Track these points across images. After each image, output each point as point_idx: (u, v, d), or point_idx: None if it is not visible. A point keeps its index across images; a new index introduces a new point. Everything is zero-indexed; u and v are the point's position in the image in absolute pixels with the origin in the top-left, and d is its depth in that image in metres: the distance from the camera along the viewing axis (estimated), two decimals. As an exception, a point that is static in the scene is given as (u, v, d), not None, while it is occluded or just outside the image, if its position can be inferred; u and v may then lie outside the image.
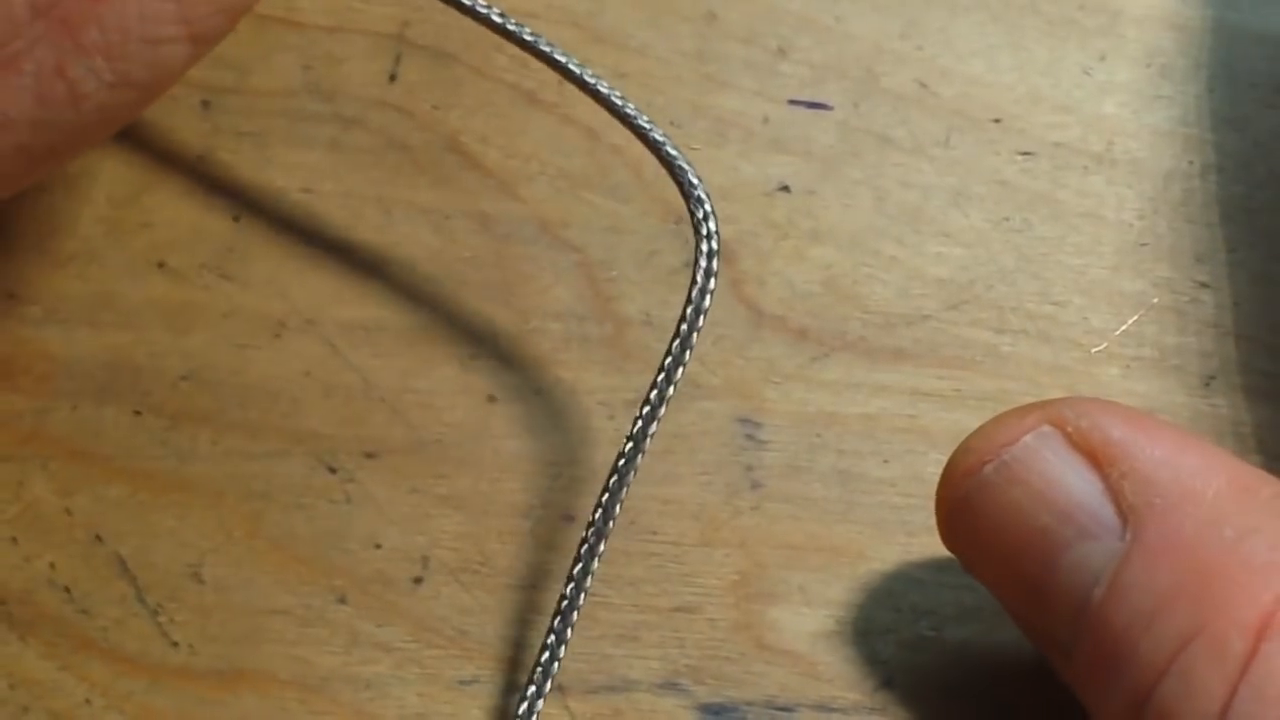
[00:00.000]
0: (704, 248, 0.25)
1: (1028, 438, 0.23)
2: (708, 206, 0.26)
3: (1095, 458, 0.23)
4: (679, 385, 0.25)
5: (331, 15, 0.30)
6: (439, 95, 0.29)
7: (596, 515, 0.25)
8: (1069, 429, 0.23)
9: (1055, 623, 0.23)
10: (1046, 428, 0.23)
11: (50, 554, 0.27)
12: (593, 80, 0.26)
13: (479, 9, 0.26)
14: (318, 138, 0.29)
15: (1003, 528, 0.23)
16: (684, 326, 0.25)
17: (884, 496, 0.27)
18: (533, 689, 0.25)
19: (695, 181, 0.26)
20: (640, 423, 0.25)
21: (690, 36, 0.30)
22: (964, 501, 0.24)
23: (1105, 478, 0.23)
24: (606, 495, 0.25)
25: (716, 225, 0.26)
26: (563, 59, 0.26)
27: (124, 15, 0.21)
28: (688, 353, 0.25)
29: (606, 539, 0.25)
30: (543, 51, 0.26)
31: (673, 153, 0.26)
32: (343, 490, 0.27)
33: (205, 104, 0.29)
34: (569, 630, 0.25)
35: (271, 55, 0.29)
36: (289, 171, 0.29)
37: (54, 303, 0.28)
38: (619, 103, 0.26)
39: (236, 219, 0.29)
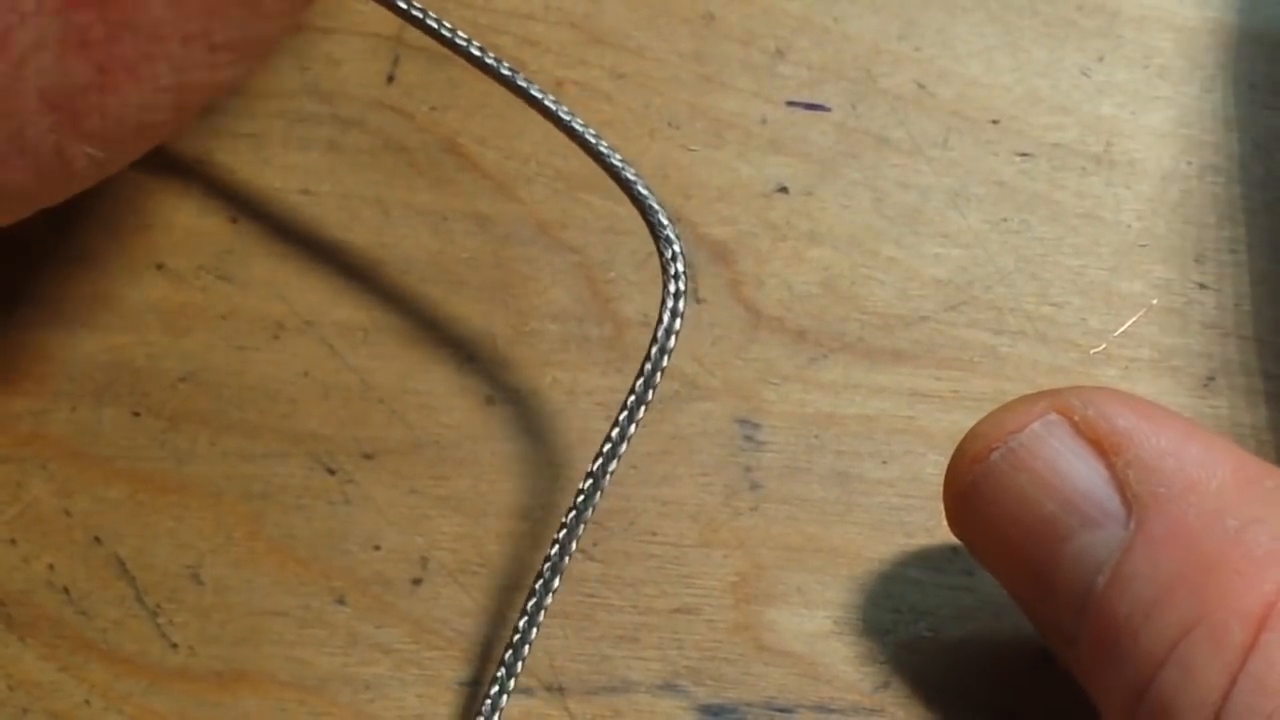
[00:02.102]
0: (671, 288, 0.25)
1: (1035, 425, 0.24)
2: (676, 247, 0.25)
3: (1101, 446, 0.23)
4: (642, 416, 0.25)
5: (329, 17, 0.30)
6: (437, 96, 0.29)
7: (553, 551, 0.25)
8: (1076, 417, 0.23)
9: (1059, 611, 0.23)
10: (1053, 416, 0.23)
11: (49, 555, 0.27)
12: (568, 117, 0.26)
13: (444, 31, 0.26)
14: (316, 139, 0.29)
15: (1008, 515, 0.24)
16: (648, 365, 0.25)
17: (882, 497, 0.27)
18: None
19: (665, 222, 0.25)
20: (600, 459, 0.25)
21: (688, 37, 0.30)
22: (971, 488, 0.24)
23: (1110, 466, 0.23)
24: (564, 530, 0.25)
25: (685, 266, 0.25)
26: (539, 94, 0.26)
27: (125, 105, 0.22)
28: (651, 392, 0.25)
29: (561, 574, 0.25)
30: (510, 79, 0.26)
31: (644, 192, 0.26)
32: (341, 491, 0.27)
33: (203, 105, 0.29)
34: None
35: (269, 56, 0.29)
36: (287, 173, 0.29)
37: (53, 304, 0.28)
38: (593, 140, 0.26)
39: (234, 220, 0.29)
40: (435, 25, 0.26)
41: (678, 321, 0.25)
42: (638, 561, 0.27)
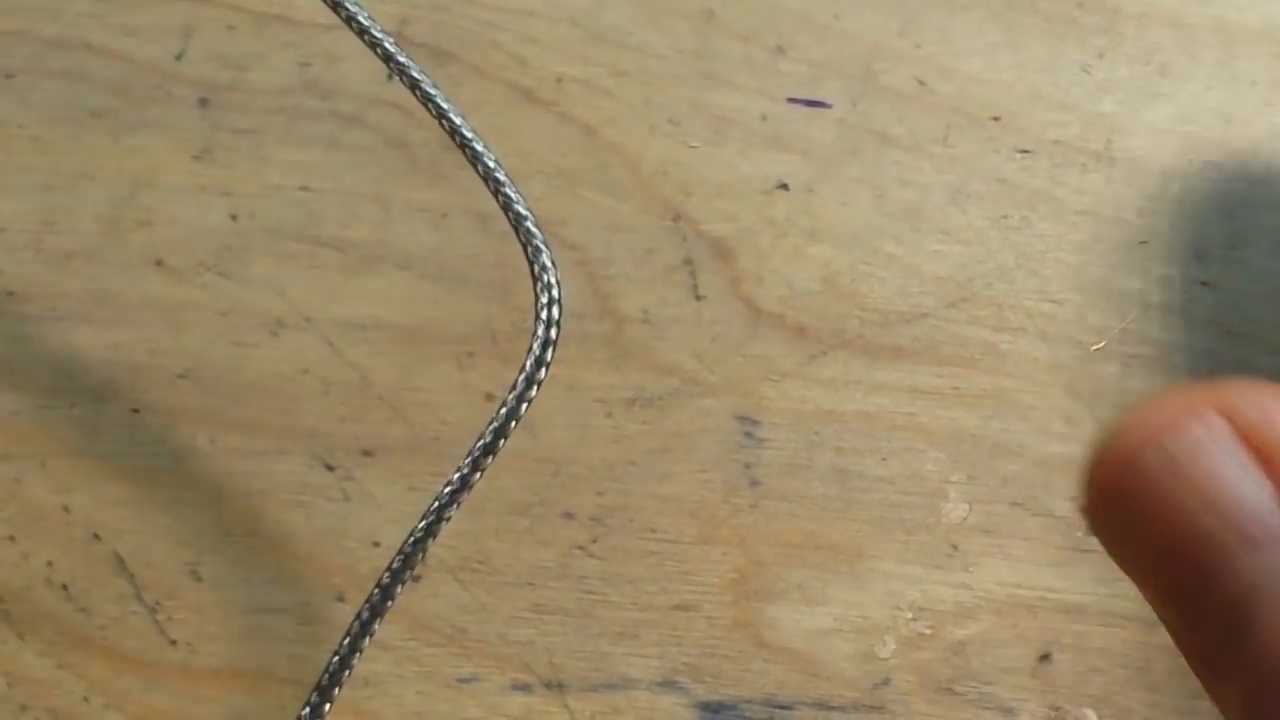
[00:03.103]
0: (540, 334, 0.24)
1: (1193, 426, 0.22)
2: (555, 292, 0.24)
3: (1267, 456, 0.21)
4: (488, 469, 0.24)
5: (330, 13, 0.30)
6: (437, 93, 0.29)
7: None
8: (1239, 421, 0.21)
9: (1208, 636, 0.21)
10: (1214, 418, 0.22)
11: (48, 552, 0.27)
12: (477, 145, 0.25)
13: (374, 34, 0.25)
14: (316, 136, 0.29)
15: (1159, 523, 0.21)
16: (495, 425, 0.23)
17: (882, 494, 0.27)
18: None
19: (549, 264, 0.24)
20: (413, 539, 0.24)
21: (689, 34, 0.30)
22: (1116, 489, 0.22)
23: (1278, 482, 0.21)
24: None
25: (560, 314, 0.24)
26: (457, 119, 0.25)
27: None
28: (501, 442, 0.24)
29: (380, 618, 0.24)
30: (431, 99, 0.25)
31: (533, 230, 0.24)
32: (341, 488, 0.27)
33: (203, 102, 0.29)
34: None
35: (270, 53, 0.29)
36: (287, 169, 0.29)
37: (52, 301, 0.28)
38: (501, 177, 0.24)
39: (234, 217, 0.29)
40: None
41: (543, 371, 0.24)
42: (637, 558, 0.27)
